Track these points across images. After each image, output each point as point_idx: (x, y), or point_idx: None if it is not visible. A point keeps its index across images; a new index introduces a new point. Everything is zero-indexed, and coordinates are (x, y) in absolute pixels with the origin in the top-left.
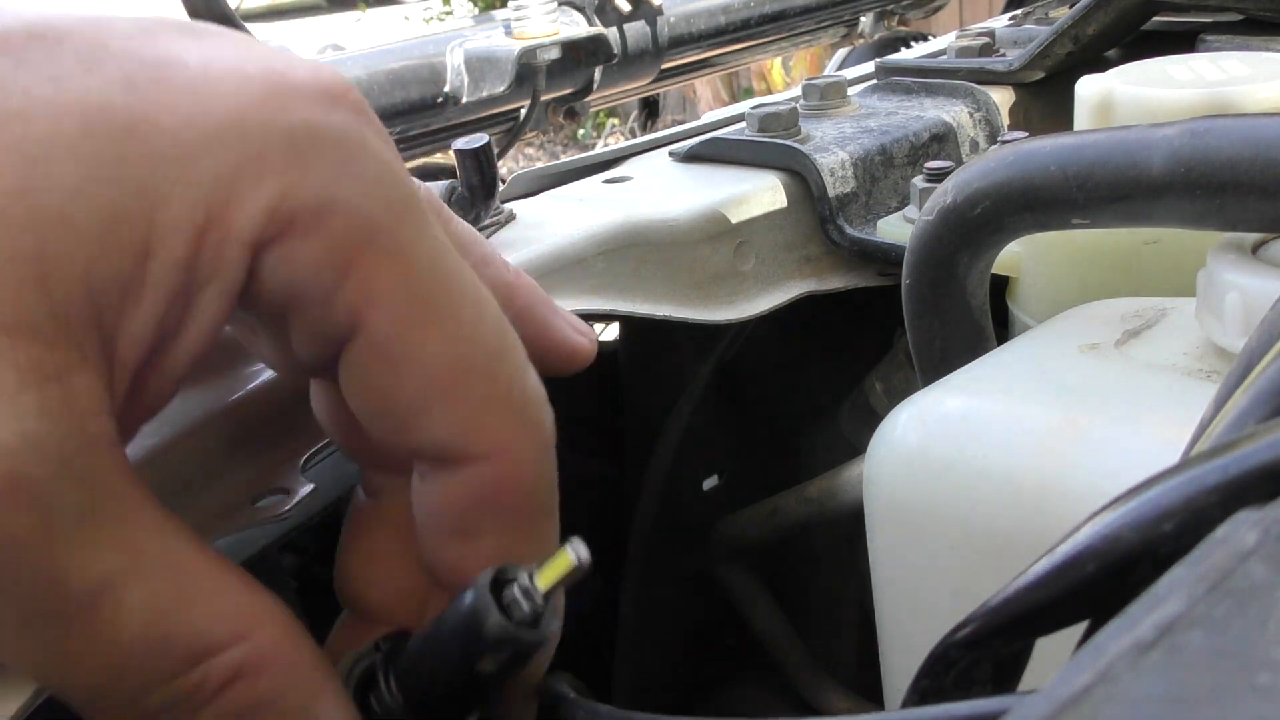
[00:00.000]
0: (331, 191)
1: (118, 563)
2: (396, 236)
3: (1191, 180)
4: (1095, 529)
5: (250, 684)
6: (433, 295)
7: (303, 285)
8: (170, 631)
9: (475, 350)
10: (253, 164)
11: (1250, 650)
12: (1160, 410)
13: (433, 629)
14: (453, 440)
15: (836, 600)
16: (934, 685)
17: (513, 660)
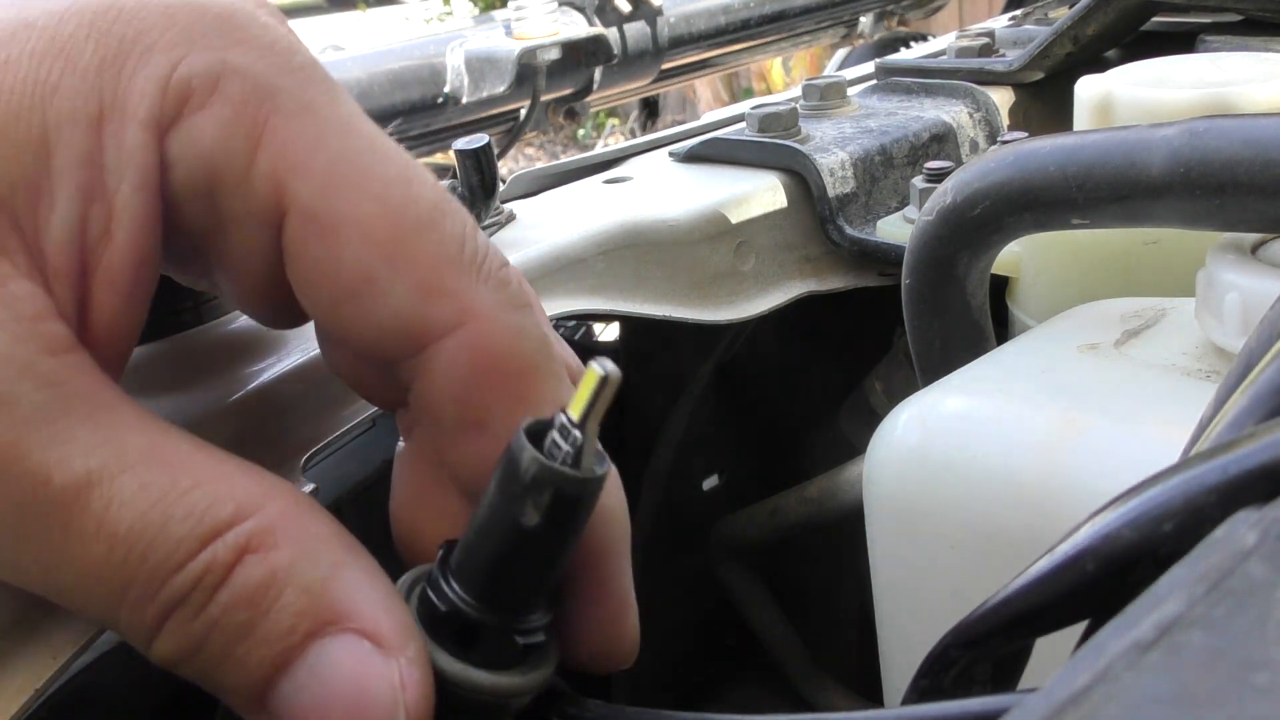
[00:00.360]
0: (223, 58)
1: (100, 458)
2: (301, 99)
3: (1191, 180)
4: (1095, 529)
5: (263, 557)
6: (352, 155)
7: (217, 161)
8: (168, 516)
9: (411, 207)
10: (135, 45)
11: (1249, 650)
12: (1160, 410)
13: (480, 502)
14: (413, 308)
15: (836, 599)
16: (933, 684)
17: (559, 510)
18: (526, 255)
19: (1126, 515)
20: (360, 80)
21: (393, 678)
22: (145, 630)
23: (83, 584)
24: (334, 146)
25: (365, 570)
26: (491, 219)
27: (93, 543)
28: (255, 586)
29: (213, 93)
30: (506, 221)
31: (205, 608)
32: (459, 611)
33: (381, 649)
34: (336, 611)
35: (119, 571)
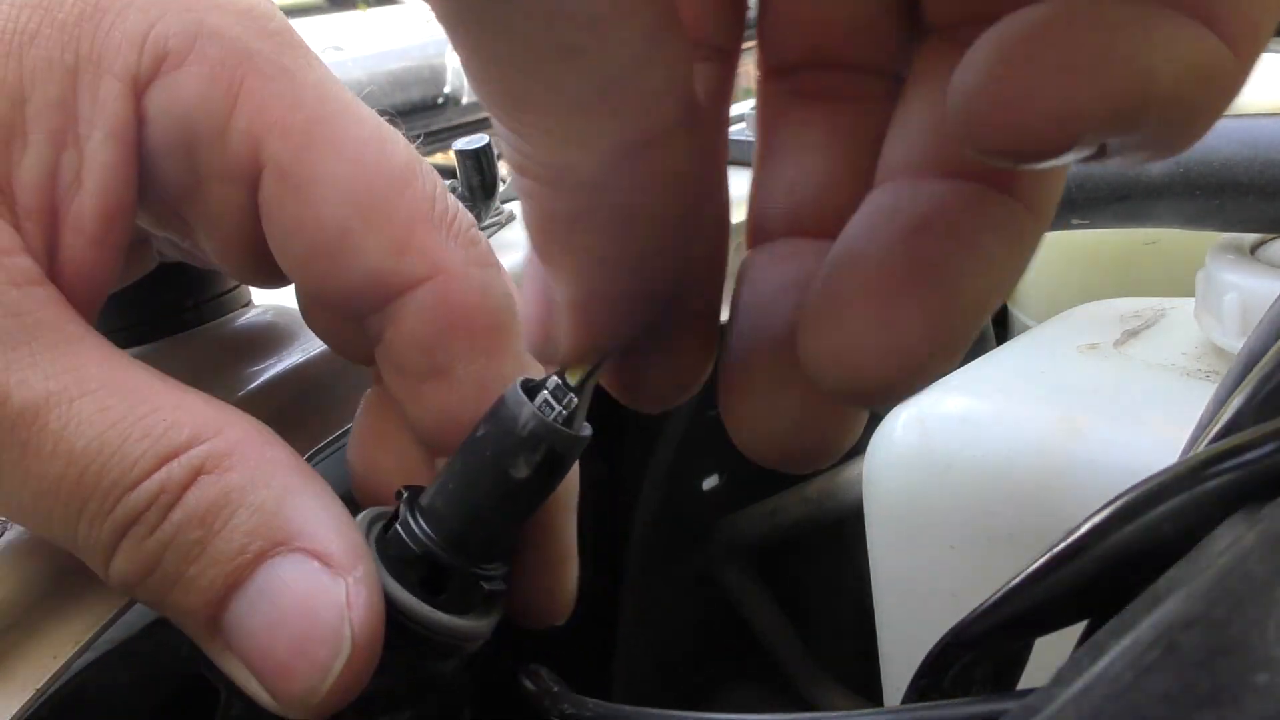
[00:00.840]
0: (200, 19)
1: (61, 382)
2: (277, 62)
3: (1190, 181)
4: (1094, 528)
5: (217, 478)
6: (328, 116)
7: (194, 119)
8: (125, 436)
9: (384, 166)
10: (114, 2)
11: (1249, 649)
12: (1159, 410)
13: (461, 450)
14: (385, 263)
15: (836, 599)
16: (933, 684)
17: (545, 467)
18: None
19: (1126, 515)
20: (360, 80)
21: (339, 596)
22: (102, 548)
23: (41, 502)
24: (310, 107)
25: (317, 495)
26: (491, 219)
27: (50, 460)
28: (208, 506)
29: (189, 52)
30: (507, 222)
31: (159, 526)
32: (432, 554)
33: (330, 568)
34: (287, 532)
35: (76, 488)
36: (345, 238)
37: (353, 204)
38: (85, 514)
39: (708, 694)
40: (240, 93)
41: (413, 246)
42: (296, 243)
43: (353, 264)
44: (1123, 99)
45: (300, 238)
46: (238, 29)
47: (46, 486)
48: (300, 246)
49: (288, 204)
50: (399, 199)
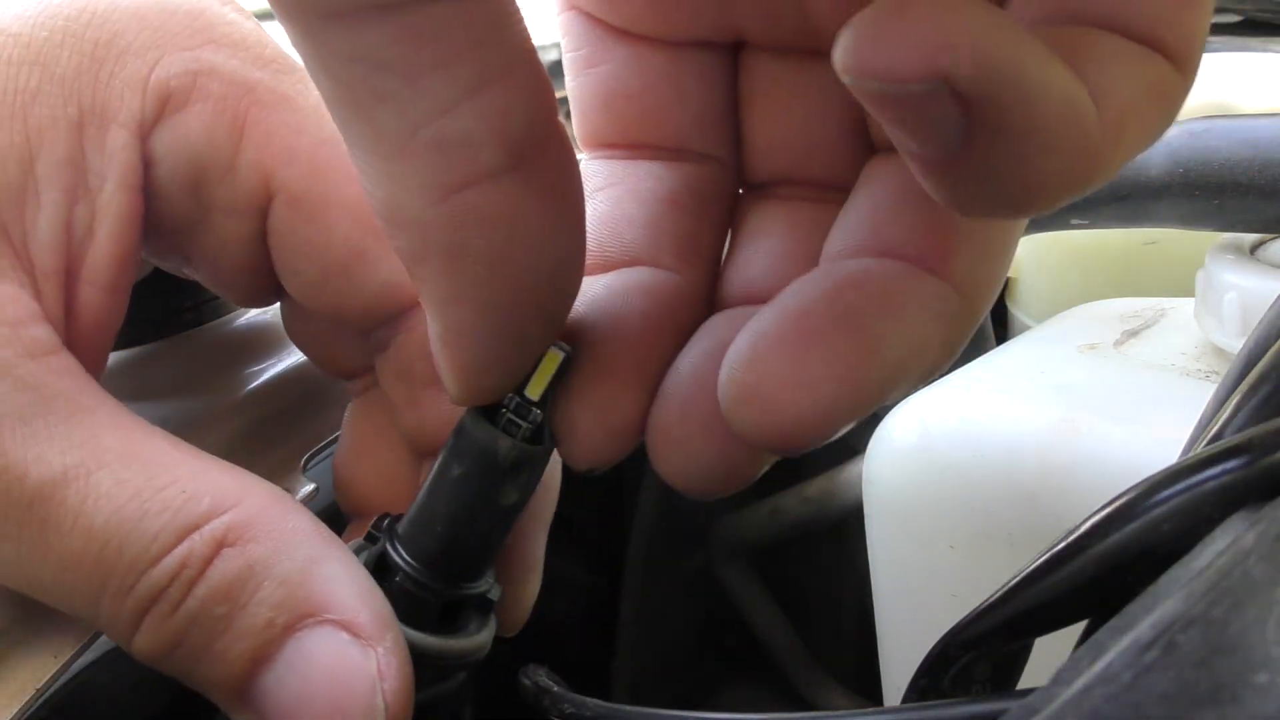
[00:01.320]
0: (197, 56)
1: (77, 455)
2: (277, 90)
3: (1190, 181)
4: (1094, 528)
5: (240, 551)
6: (331, 140)
7: (202, 156)
8: (144, 510)
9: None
10: (110, 49)
11: (1249, 649)
12: (1159, 410)
13: (434, 486)
14: (400, 276)
15: (835, 599)
16: (933, 684)
17: (530, 487)
18: None
19: (1125, 515)
20: None
21: (371, 668)
22: (125, 625)
23: (62, 578)
24: (313, 133)
25: (342, 562)
26: None
27: (70, 537)
28: (232, 580)
29: (191, 91)
30: None
31: (183, 602)
32: (420, 585)
33: (360, 639)
34: (314, 603)
35: (97, 565)
36: (360, 256)
37: (364, 222)
38: (107, 591)
39: (708, 694)
40: (245, 125)
41: None
42: (311, 265)
43: (368, 280)
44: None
45: (315, 260)
46: (235, 62)
47: (67, 564)
48: (315, 268)
49: (301, 229)
50: None
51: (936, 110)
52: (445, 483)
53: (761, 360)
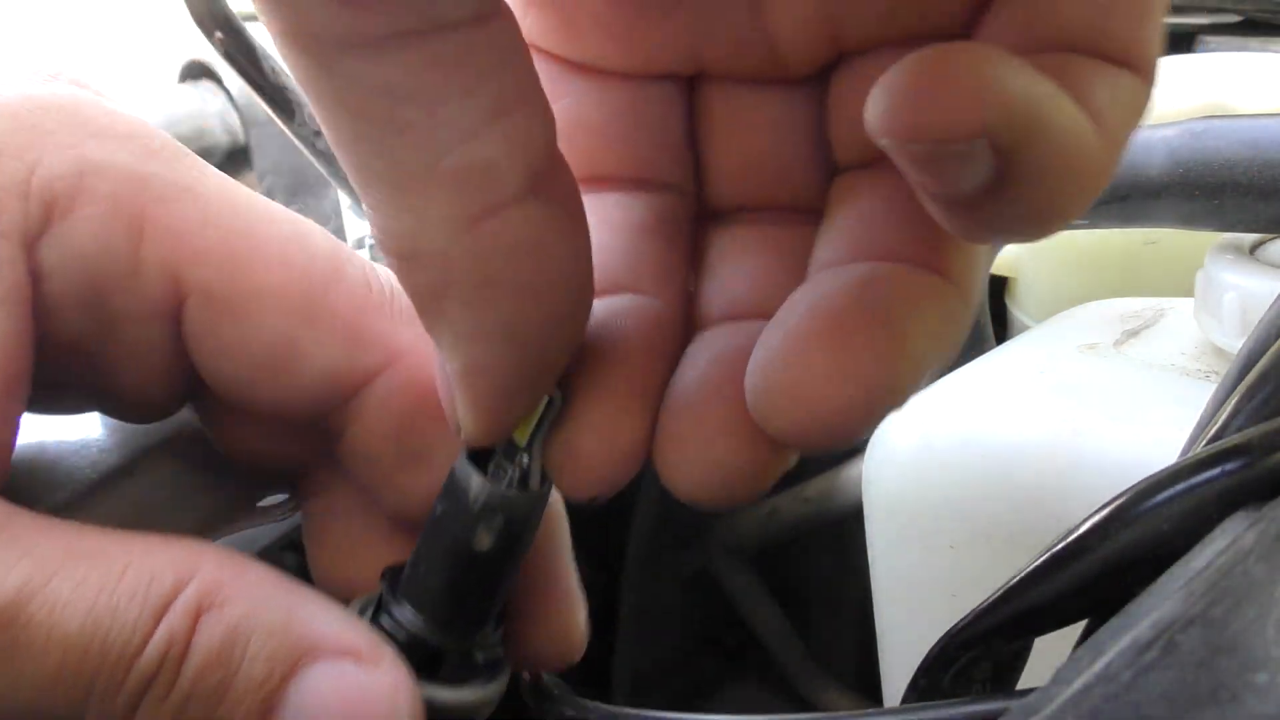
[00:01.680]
0: (82, 155)
1: (23, 570)
2: (173, 180)
3: (1189, 181)
4: (1094, 528)
5: (219, 615)
6: (242, 226)
7: (99, 265)
8: (114, 604)
9: (313, 263)
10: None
11: (1249, 649)
12: (1158, 410)
13: (425, 531)
14: (339, 362)
15: (835, 599)
16: (933, 683)
17: (509, 532)
18: None
19: (1125, 515)
20: None
21: (381, 683)
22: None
23: (43, 697)
24: (221, 222)
25: (317, 600)
26: None
27: (46, 653)
28: (219, 646)
29: (79, 194)
30: None
31: (176, 683)
32: (418, 639)
33: (362, 663)
34: (306, 644)
35: (78, 673)
36: (292, 346)
37: (292, 311)
38: (94, 695)
39: (707, 694)
40: (144, 224)
41: (362, 338)
42: (236, 364)
43: (304, 371)
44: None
45: (240, 358)
46: (123, 155)
47: (46, 680)
48: (242, 366)
49: (222, 327)
50: (336, 292)
51: (972, 160)
52: (429, 524)
53: (799, 357)
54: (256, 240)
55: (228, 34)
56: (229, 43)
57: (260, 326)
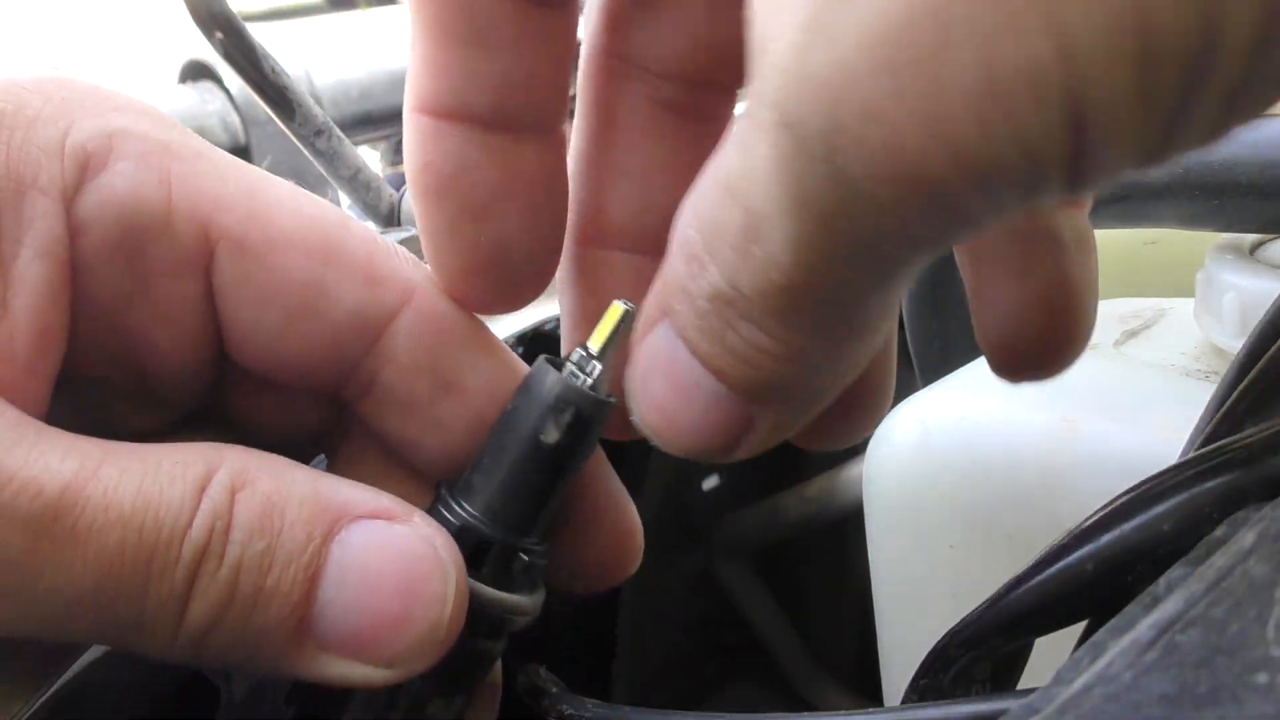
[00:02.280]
0: (109, 120)
1: (74, 460)
2: (193, 146)
3: (1190, 181)
4: (1094, 528)
5: (252, 490)
6: (256, 182)
7: (134, 215)
8: (159, 483)
9: (323, 214)
10: (18, 118)
11: (1249, 649)
12: (1158, 410)
13: (493, 427)
14: (365, 299)
15: (836, 599)
16: (933, 684)
17: (577, 430)
18: None
19: (1125, 515)
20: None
21: (421, 534)
22: (176, 600)
23: (105, 581)
24: (237, 178)
25: (338, 478)
26: None
27: (105, 532)
28: (259, 515)
29: (110, 152)
30: None
31: (226, 550)
32: (470, 528)
33: (395, 520)
34: (338, 507)
35: (138, 548)
36: (319, 288)
37: (317, 254)
38: (153, 570)
39: (708, 694)
40: (171, 179)
41: (381, 276)
42: (269, 312)
43: (333, 311)
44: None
45: (274, 304)
46: (145, 123)
47: (108, 560)
48: (274, 314)
49: (252, 272)
50: (350, 238)
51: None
52: (499, 420)
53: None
54: (271, 194)
55: (228, 34)
56: (229, 43)
57: (288, 270)
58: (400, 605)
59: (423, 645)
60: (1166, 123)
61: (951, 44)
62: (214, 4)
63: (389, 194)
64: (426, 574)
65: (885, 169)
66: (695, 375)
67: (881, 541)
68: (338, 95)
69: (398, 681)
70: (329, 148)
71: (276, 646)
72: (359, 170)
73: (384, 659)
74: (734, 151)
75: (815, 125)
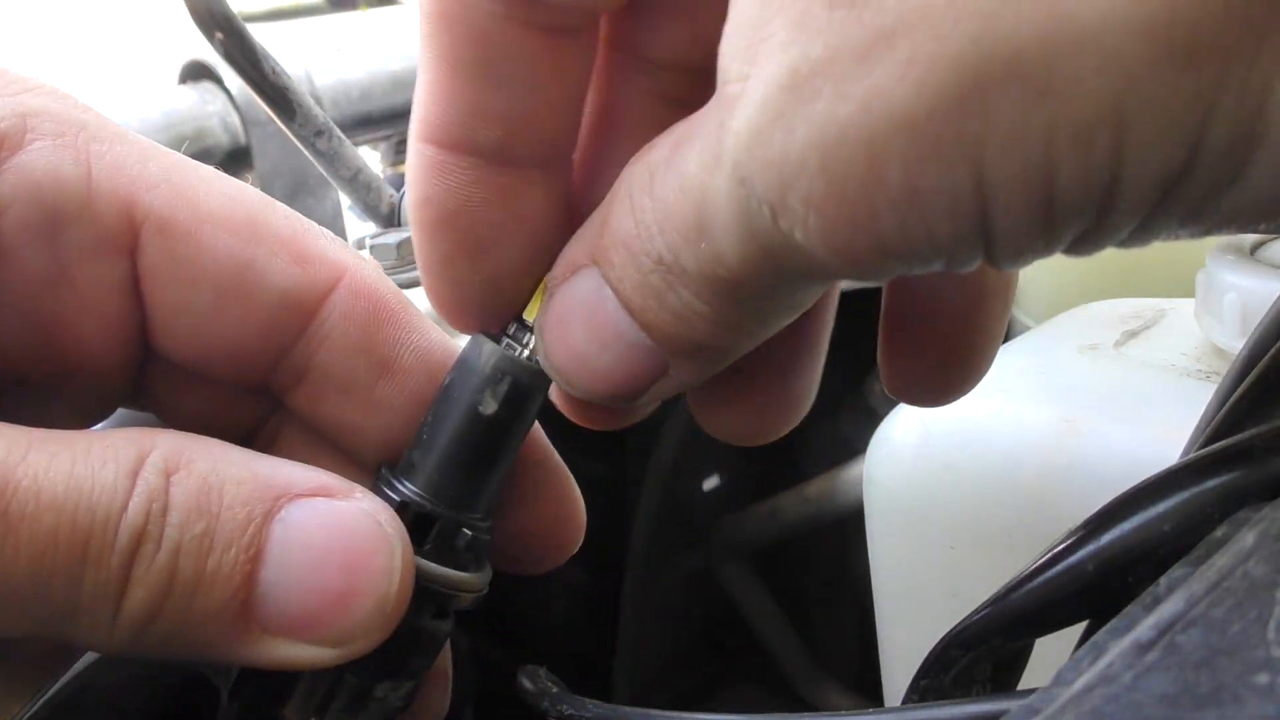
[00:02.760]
0: (23, 101)
1: (1, 446)
2: (109, 127)
3: None
4: (1094, 529)
5: (187, 472)
6: (175, 164)
7: (52, 194)
8: (91, 466)
9: (248, 195)
10: None
11: (1249, 650)
12: (1159, 410)
13: (433, 403)
14: (297, 278)
15: (836, 599)
16: (934, 684)
17: (514, 400)
18: None
19: (1126, 515)
20: (361, 81)
21: (363, 509)
22: (113, 586)
23: (39, 566)
24: (160, 157)
25: (274, 458)
26: None
27: (38, 518)
28: (196, 496)
29: (25, 131)
30: None
31: (164, 534)
32: (411, 503)
33: (336, 496)
34: (278, 486)
35: (72, 533)
36: (249, 266)
37: (244, 233)
38: (89, 556)
39: (708, 694)
40: (90, 158)
41: (310, 254)
42: (199, 292)
43: (264, 292)
44: None
45: (202, 285)
46: (58, 105)
47: (42, 545)
48: (204, 295)
49: (179, 253)
50: (274, 218)
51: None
52: (437, 394)
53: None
54: (193, 174)
55: (228, 35)
56: (229, 43)
57: (215, 250)
58: (345, 582)
59: (370, 622)
60: (1070, 247)
61: (881, 162)
62: (214, 4)
63: (389, 194)
64: (371, 549)
65: (819, 242)
66: (619, 324)
67: (882, 542)
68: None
69: (345, 661)
70: (329, 148)
71: (220, 631)
72: (359, 171)
73: (331, 638)
74: (696, 158)
75: (765, 195)
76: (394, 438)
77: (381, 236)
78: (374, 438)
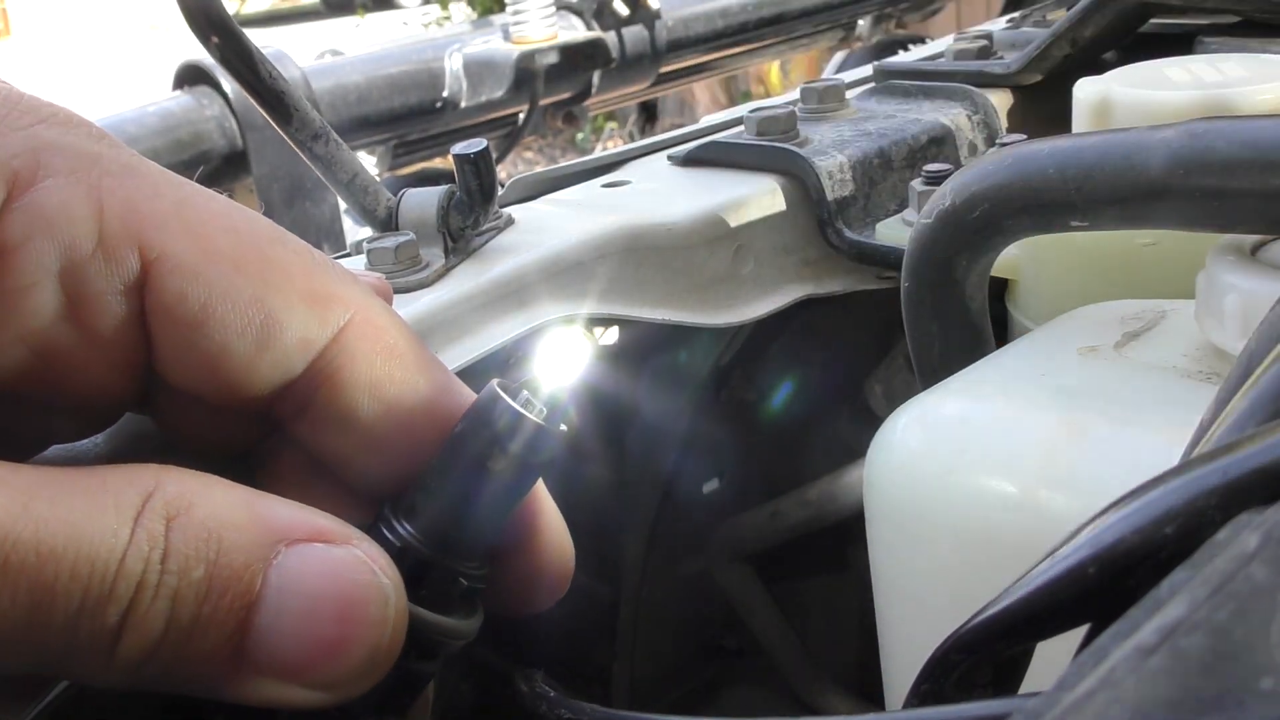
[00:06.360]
0: (35, 134)
1: (2, 497)
2: (123, 160)
3: (1190, 182)
4: (1096, 532)
5: (188, 517)
6: (187, 198)
7: (65, 232)
8: (91, 513)
9: (258, 230)
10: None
11: (1253, 654)
12: (1160, 412)
13: (442, 451)
14: (311, 320)
15: (836, 603)
16: (935, 688)
17: (524, 460)
18: (525, 259)
19: (1127, 518)
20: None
21: (361, 557)
22: (108, 634)
23: (36, 616)
24: (169, 193)
25: (275, 498)
26: (490, 224)
27: (39, 569)
28: (195, 542)
29: (38, 168)
30: (505, 226)
31: (162, 581)
32: (411, 549)
33: (335, 543)
34: (277, 530)
35: (71, 583)
36: (258, 310)
37: (253, 273)
38: (86, 605)
39: (707, 697)
40: (102, 195)
41: (323, 294)
42: (207, 335)
43: (274, 334)
44: None
45: (214, 326)
46: (71, 136)
47: (40, 596)
48: (213, 336)
49: (188, 293)
50: (286, 255)
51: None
52: (447, 442)
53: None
54: (200, 210)
55: (224, 39)
56: (225, 47)
57: (228, 291)
58: (339, 630)
59: (361, 670)
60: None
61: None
62: (210, 8)
63: (386, 198)
64: (366, 599)
65: None
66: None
67: (882, 544)
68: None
69: (334, 705)
70: (326, 152)
71: (213, 672)
72: (356, 174)
73: (322, 683)
74: None
75: None
76: (391, 473)
77: (378, 240)
78: (374, 474)
